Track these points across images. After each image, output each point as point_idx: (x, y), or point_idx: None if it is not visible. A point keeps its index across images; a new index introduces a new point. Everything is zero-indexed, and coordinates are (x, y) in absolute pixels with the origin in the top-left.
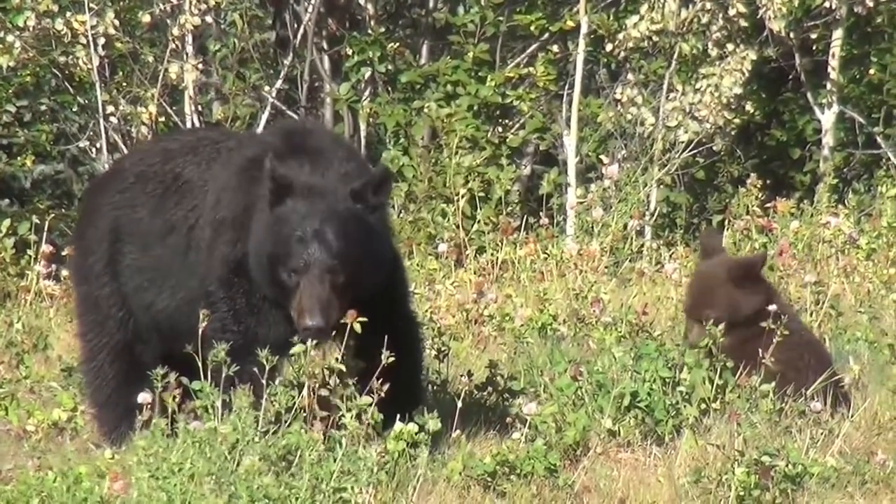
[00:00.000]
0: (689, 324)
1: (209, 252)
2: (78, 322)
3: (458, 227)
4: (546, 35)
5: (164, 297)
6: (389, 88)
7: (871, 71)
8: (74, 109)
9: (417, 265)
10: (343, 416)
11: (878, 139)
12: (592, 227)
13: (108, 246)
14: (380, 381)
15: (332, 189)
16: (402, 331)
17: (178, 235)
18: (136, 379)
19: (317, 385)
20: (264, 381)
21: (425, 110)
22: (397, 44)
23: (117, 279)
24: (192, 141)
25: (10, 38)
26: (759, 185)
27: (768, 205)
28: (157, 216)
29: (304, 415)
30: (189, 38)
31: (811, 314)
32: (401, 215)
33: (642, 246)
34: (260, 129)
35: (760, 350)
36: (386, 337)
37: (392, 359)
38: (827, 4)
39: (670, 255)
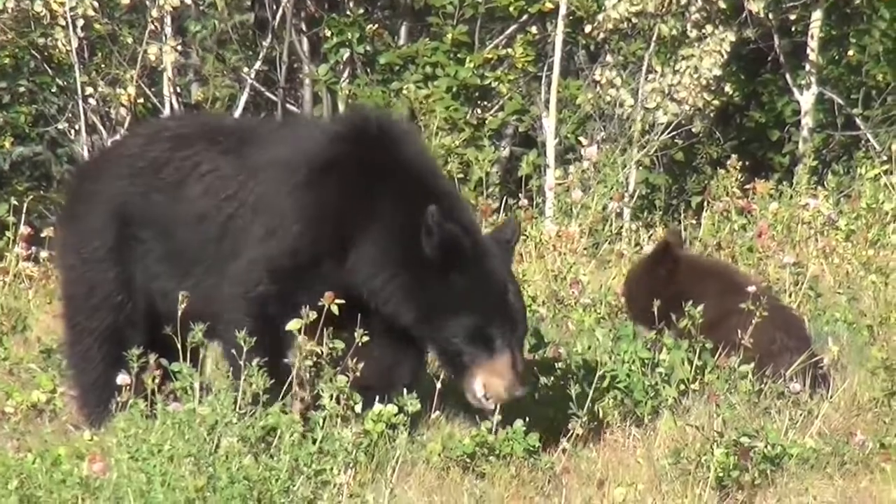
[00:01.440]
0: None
1: (265, 246)
2: (65, 304)
3: None
4: (525, 16)
5: (186, 284)
6: (368, 70)
7: (850, 52)
8: (53, 91)
9: None
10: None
11: (857, 120)
12: (571, 208)
13: (114, 231)
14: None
15: (493, 247)
16: None
17: (210, 224)
18: (122, 363)
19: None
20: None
21: (404, 92)
22: (376, 25)
23: (123, 264)
24: (206, 128)
25: None
26: (738, 167)
27: (747, 186)
28: (178, 203)
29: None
30: (168, 20)
31: (790, 295)
32: None
33: (621, 227)
34: (239, 112)
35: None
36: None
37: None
38: None
39: (649, 237)
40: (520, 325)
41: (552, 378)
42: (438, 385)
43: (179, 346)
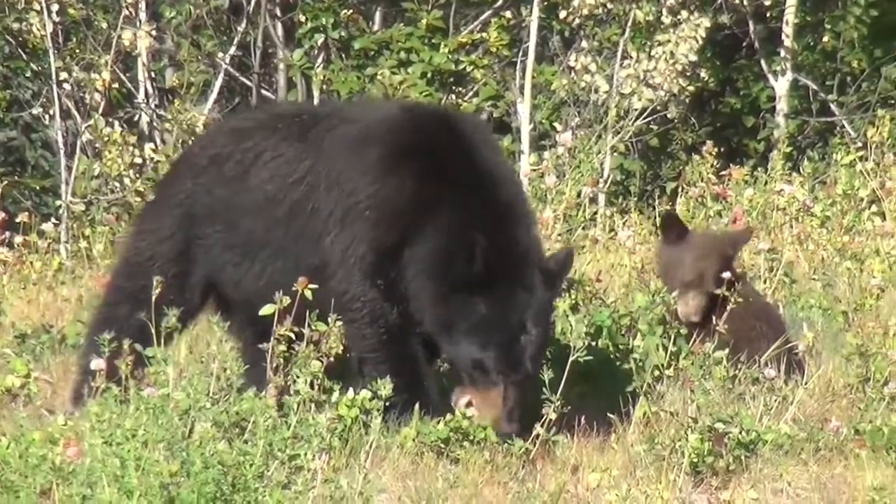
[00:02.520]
0: (684, 296)
1: (347, 233)
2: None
3: None
4: (499, 2)
5: (254, 269)
6: (343, 55)
7: (825, 38)
8: (27, 76)
9: None
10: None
11: (833, 107)
12: (546, 194)
13: (182, 235)
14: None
15: (535, 278)
16: None
17: (276, 207)
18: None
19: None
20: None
21: (379, 77)
22: (350, 10)
23: (194, 262)
24: (265, 118)
25: None
26: (713, 153)
27: (722, 172)
28: (242, 194)
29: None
30: (142, 5)
31: (765, 281)
32: None
33: (596, 213)
34: (214, 97)
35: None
36: None
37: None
38: None
39: (624, 223)
40: (522, 369)
41: None
42: None
43: (153, 331)
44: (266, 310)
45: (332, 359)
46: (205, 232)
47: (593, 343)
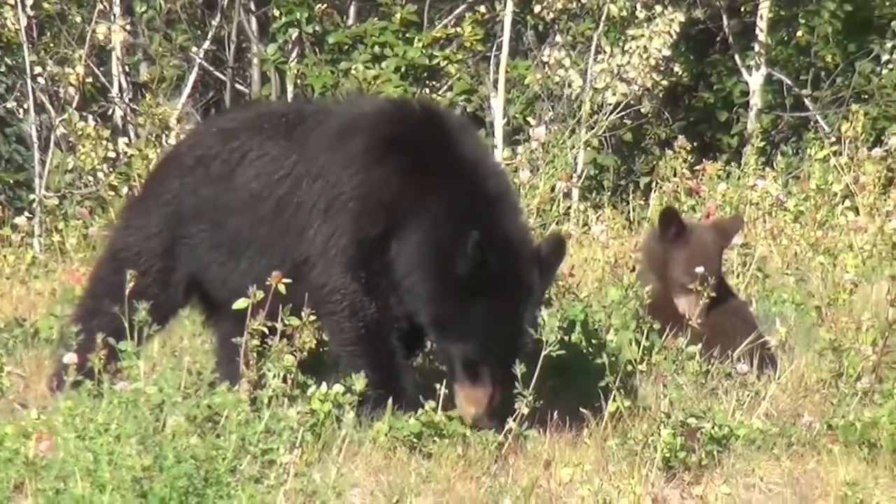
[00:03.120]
0: (689, 296)
1: (329, 225)
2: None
3: None
4: None
5: (240, 267)
6: (317, 49)
7: (799, 33)
8: (2, 70)
9: None
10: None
11: (806, 101)
12: (519, 189)
13: (169, 234)
14: None
15: (529, 272)
16: None
17: (262, 205)
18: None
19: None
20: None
21: (353, 72)
22: (325, 5)
23: (179, 259)
24: (252, 118)
25: None
26: (686, 148)
27: (696, 167)
28: (228, 193)
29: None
30: (116, 0)
31: (738, 276)
32: None
33: (569, 208)
34: (188, 92)
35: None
36: None
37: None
38: None
39: (597, 218)
40: (513, 366)
41: None
42: None
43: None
44: (239, 304)
45: (305, 353)
46: (190, 231)
47: (566, 338)
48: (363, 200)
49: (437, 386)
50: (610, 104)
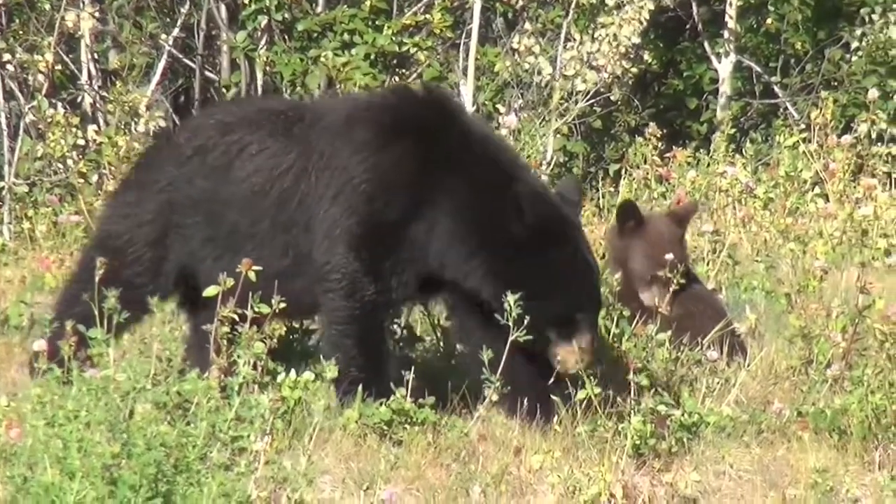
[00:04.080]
0: (650, 287)
1: (338, 208)
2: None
3: None
4: None
5: (238, 262)
6: (286, 37)
7: (769, 20)
8: None
9: None
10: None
11: (776, 89)
12: None
13: (162, 221)
14: None
15: (574, 218)
16: None
17: (263, 199)
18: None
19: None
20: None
21: (322, 59)
22: None
23: (171, 249)
24: (251, 113)
25: None
26: (656, 135)
27: (666, 154)
28: (226, 186)
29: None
30: None
31: (708, 263)
32: None
33: None
34: (157, 79)
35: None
36: None
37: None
38: None
39: None
40: (599, 301)
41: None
42: None
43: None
44: (209, 291)
45: (275, 341)
46: (185, 222)
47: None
48: (377, 184)
49: (404, 373)
50: (580, 91)
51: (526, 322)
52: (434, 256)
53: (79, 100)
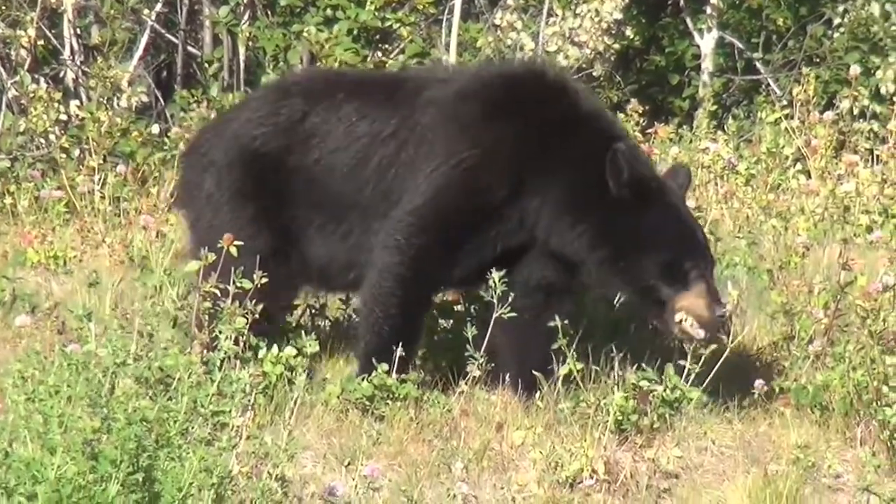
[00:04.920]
0: None
1: (432, 185)
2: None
3: None
4: None
5: (341, 229)
6: (269, 12)
7: None
8: None
9: None
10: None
11: (758, 65)
12: None
13: (252, 194)
14: None
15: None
16: None
17: (365, 168)
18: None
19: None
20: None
21: (304, 34)
22: None
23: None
24: (338, 81)
25: None
26: (638, 111)
27: (648, 130)
28: (325, 155)
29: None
30: None
31: None
32: None
33: None
34: (139, 54)
35: None
36: None
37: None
38: None
39: None
40: (710, 257)
41: (451, 321)
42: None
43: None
44: (191, 267)
45: (257, 316)
46: (280, 193)
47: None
48: (484, 163)
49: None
50: (562, 67)
51: (639, 287)
52: (543, 230)
53: (61, 75)
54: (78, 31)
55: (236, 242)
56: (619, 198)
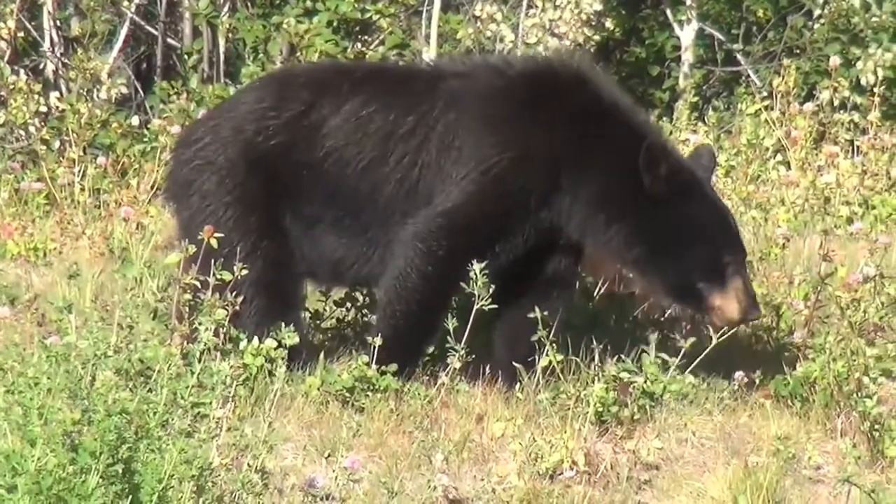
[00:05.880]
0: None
1: (458, 193)
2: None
3: None
4: None
5: (357, 226)
6: (248, 4)
7: None
8: None
9: None
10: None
11: (738, 56)
12: None
13: (257, 191)
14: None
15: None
16: None
17: (383, 166)
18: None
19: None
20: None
21: (284, 26)
22: None
23: (280, 234)
24: (344, 73)
25: None
26: None
27: None
28: (337, 151)
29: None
30: None
31: None
32: None
33: None
34: (119, 46)
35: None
36: None
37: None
38: None
39: None
40: (744, 248)
41: None
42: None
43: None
44: (171, 259)
45: (237, 308)
46: (288, 189)
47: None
48: (514, 166)
49: (368, 339)
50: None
51: (678, 283)
52: (575, 229)
53: (41, 67)
54: (58, 22)
55: (241, 243)
56: (653, 193)
